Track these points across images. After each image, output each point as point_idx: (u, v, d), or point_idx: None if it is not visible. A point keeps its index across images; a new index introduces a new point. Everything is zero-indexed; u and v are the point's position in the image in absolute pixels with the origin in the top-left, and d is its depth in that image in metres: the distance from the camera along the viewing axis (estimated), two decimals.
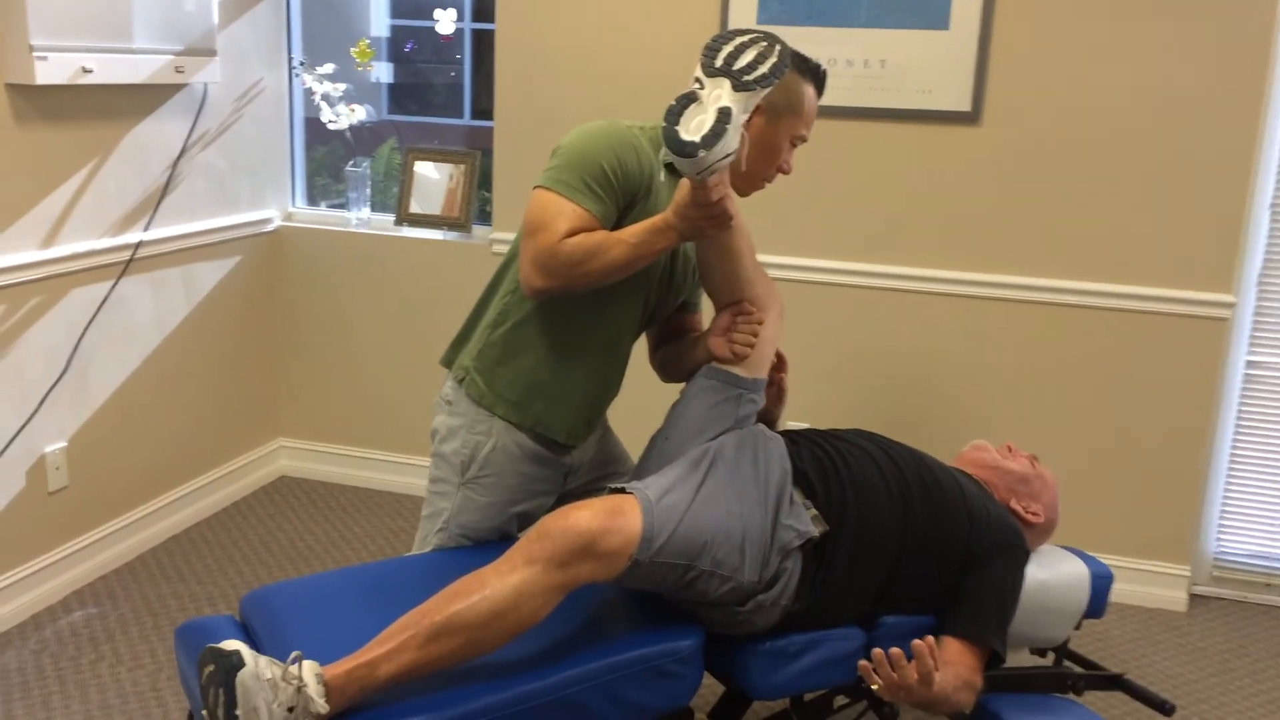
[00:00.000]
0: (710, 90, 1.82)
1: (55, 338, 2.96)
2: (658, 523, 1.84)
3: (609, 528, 1.79)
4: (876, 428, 3.41)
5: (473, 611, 1.71)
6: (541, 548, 1.76)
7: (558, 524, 1.78)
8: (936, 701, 1.88)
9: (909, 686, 1.78)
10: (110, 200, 3.10)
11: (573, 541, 1.76)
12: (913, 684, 1.78)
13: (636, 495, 1.88)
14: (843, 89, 3.28)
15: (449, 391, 2.23)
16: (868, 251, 3.36)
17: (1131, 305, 3.20)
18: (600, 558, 1.78)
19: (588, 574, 1.78)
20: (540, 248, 1.99)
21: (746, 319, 2.15)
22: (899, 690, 1.80)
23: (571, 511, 1.81)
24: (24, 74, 2.72)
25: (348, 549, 3.43)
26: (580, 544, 1.76)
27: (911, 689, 1.79)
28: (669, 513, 1.87)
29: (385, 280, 3.78)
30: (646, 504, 1.86)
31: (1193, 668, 3.01)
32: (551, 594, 1.76)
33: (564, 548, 1.75)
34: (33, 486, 2.93)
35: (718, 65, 1.83)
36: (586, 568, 1.77)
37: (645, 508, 1.85)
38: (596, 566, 1.78)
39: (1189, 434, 3.23)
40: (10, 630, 2.88)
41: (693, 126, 1.79)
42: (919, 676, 1.78)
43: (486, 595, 1.72)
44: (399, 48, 5.59)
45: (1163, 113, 3.09)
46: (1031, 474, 2.34)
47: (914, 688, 1.79)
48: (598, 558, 1.78)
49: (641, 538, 1.81)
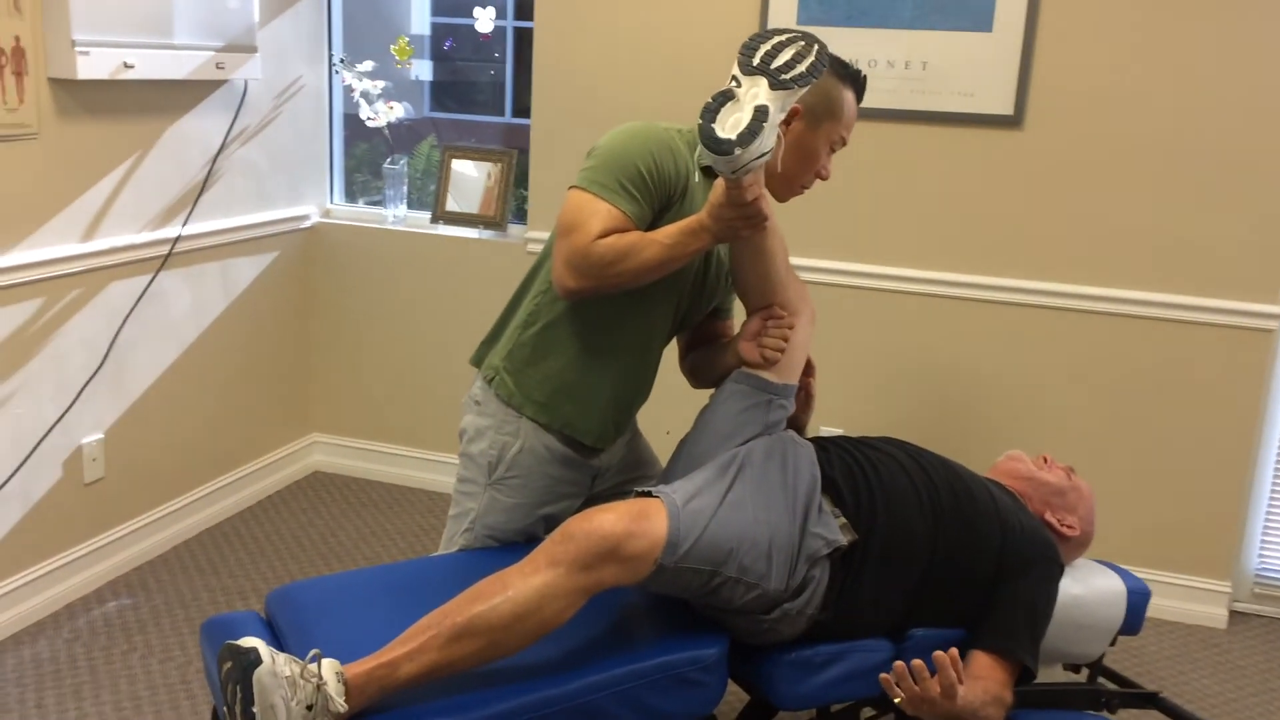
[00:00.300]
0: (747, 89, 1.81)
1: (94, 330, 2.98)
2: (683, 527, 1.82)
3: (634, 531, 1.77)
4: (911, 435, 3.37)
5: (495, 613, 1.70)
6: (565, 550, 1.75)
7: (582, 526, 1.77)
8: (963, 716, 1.84)
9: (931, 700, 1.75)
10: (150, 195, 3.13)
11: (597, 544, 1.74)
12: (935, 697, 1.75)
13: (663, 499, 1.86)
14: (883, 91, 3.25)
15: (478, 391, 2.22)
16: (906, 256, 3.32)
17: (1175, 315, 3.14)
18: (624, 561, 1.76)
19: (611, 577, 1.77)
20: (573, 248, 1.97)
21: (777, 323, 2.13)
22: (921, 703, 1.77)
23: (596, 514, 1.79)
24: (66, 69, 2.75)
25: (379, 545, 3.44)
26: (604, 547, 1.75)
27: (934, 702, 1.76)
28: (695, 517, 1.85)
29: (420, 277, 3.78)
30: (673, 508, 1.84)
31: (1232, 686, 2.95)
32: (574, 597, 1.74)
33: (588, 550, 1.74)
34: (69, 477, 2.96)
35: (755, 64, 1.82)
36: (610, 571, 1.76)
37: (671, 512, 1.83)
38: (620, 570, 1.77)
39: (1231, 447, 3.16)
40: (44, 619, 2.91)
41: (729, 124, 1.77)
42: (941, 689, 1.75)
43: (509, 597, 1.71)
44: (439, 45, 5.61)
45: (1210, 117, 3.02)
46: (1067, 486, 2.29)
47: (936, 701, 1.75)
48: (622, 561, 1.76)
49: (667, 542, 1.80)
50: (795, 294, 2.17)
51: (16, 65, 2.67)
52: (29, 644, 2.79)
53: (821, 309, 3.38)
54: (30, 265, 2.75)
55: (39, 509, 2.88)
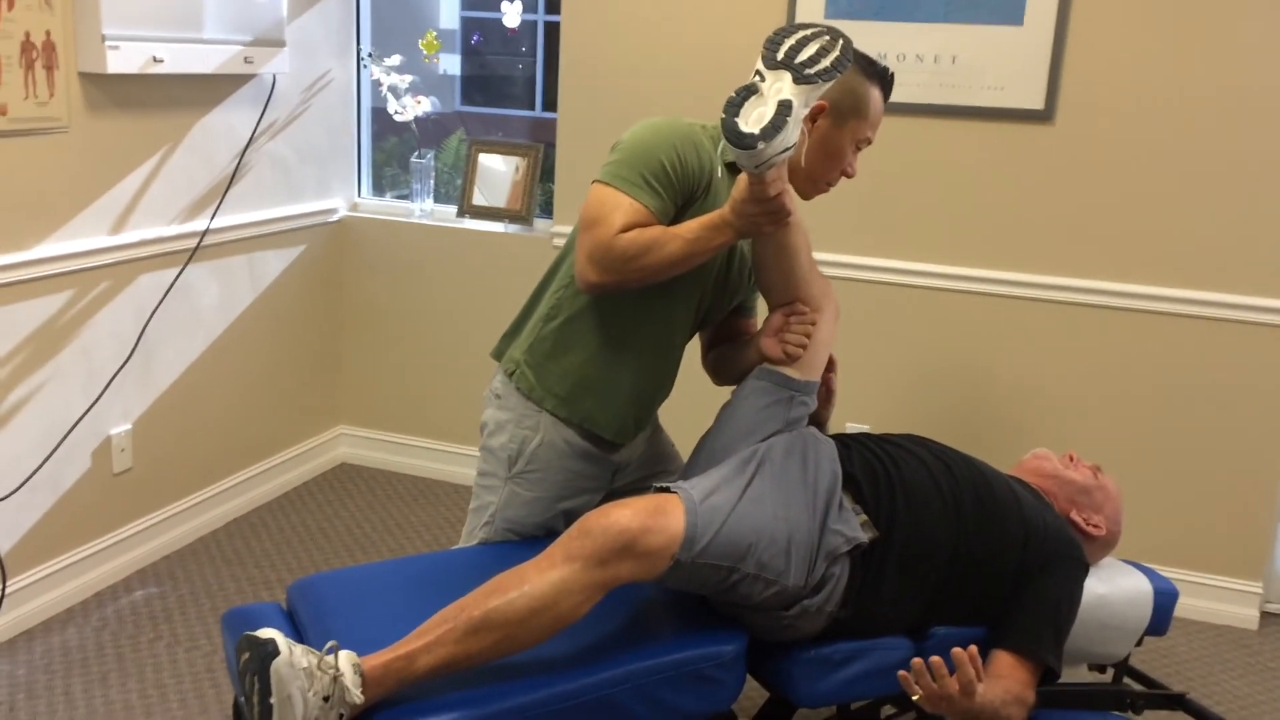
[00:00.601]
0: (771, 83, 1.80)
1: (123, 322, 3.01)
2: (701, 523, 1.82)
3: (650, 527, 1.77)
4: (938, 433, 3.34)
5: (511, 607, 1.70)
6: (581, 545, 1.74)
7: (599, 522, 1.76)
8: (984, 715, 1.82)
9: (950, 697, 1.74)
10: (179, 188, 3.15)
11: (613, 540, 1.74)
12: (953, 694, 1.73)
13: (680, 495, 1.86)
14: (912, 85, 3.22)
15: (498, 385, 2.23)
16: (934, 252, 3.30)
17: (1208, 312, 3.09)
18: (641, 557, 1.76)
19: (628, 573, 1.76)
20: (596, 242, 1.97)
21: (800, 319, 2.12)
22: (940, 701, 1.75)
23: (613, 509, 1.79)
24: (96, 63, 2.77)
25: (404, 538, 3.45)
26: (621, 542, 1.74)
27: (953, 700, 1.74)
28: (713, 513, 1.84)
29: (447, 271, 3.79)
30: (690, 504, 1.83)
31: (1262, 688, 2.91)
32: (591, 592, 1.74)
33: (604, 546, 1.74)
34: (98, 467, 3.00)
35: (779, 58, 1.81)
36: (627, 567, 1.76)
37: (689, 507, 1.83)
38: (637, 566, 1.76)
39: (1264, 446, 3.12)
40: (74, 607, 2.94)
41: (752, 119, 1.76)
42: (960, 687, 1.73)
43: (525, 591, 1.71)
44: (469, 40, 5.62)
45: (1244, 111, 2.98)
46: (1093, 485, 2.27)
47: (955, 699, 1.74)
48: (638, 557, 1.76)
49: (684, 538, 1.79)
50: (819, 290, 2.16)
51: (47, 59, 2.70)
52: (58, 631, 2.83)
53: (849, 305, 3.36)
54: (60, 258, 2.78)
55: (68, 498, 2.92)
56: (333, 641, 1.66)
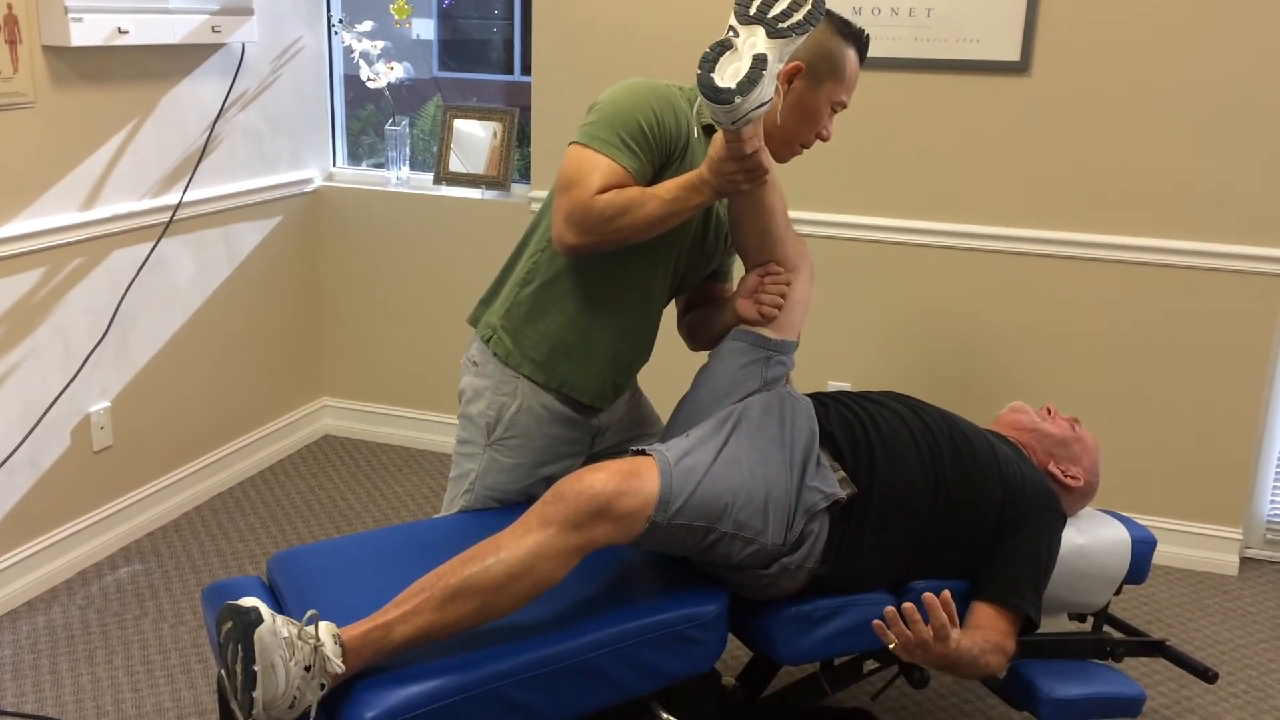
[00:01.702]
0: (745, 38, 1.79)
1: (97, 299, 2.99)
2: (676, 484, 1.82)
3: (624, 490, 1.77)
4: (919, 388, 3.36)
5: (487, 574, 1.70)
6: (556, 510, 1.75)
7: (573, 486, 1.76)
8: (962, 662, 1.84)
9: (924, 643, 1.75)
10: (150, 161, 3.12)
11: (588, 503, 1.74)
12: (928, 640, 1.74)
13: (655, 457, 1.86)
14: (887, 40, 3.20)
15: (475, 353, 2.22)
16: (913, 207, 3.29)
17: (1185, 261, 3.10)
18: (616, 519, 1.76)
19: (604, 536, 1.76)
20: (573, 203, 1.96)
21: (774, 279, 2.11)
22: (915, 648, 1.76)
23: (587, 474, 1.79)
24: (60, 36, 2.73)
25: (388, 508, 3.45)
26: (595, 505, 1.74)
27: (928, 645, 1.75)
28: (688, 474, 1.84)
29: (425, 239, 3.77)
30: (665, 465, 1.84)
31: (1242, 633, 2.94)
32: (567, 556, 1.74)
33: (579, 510, 1.74)
34: (78, 446, 2.98)
35: (751, 13, 1.80)
36: (602, 530, 1.76)
37: (663, 469, 1.83)
38: (613, 529, 1.77)
39: (1242, 394, 3.13)
40: (58, 586, 2.94)
41: (728, 74, 1.76)
42: (934, 631, 1.74)
43: (501, 558, 1.71)
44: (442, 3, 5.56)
45: (1219, 59, 2.97)
46: (1071, 437, 2.28)
47: (930, 644, 1.75)
48: (614, 519, 1.76)
49: (659, 499, 1.79)
50: (795, 250, 2.15)
51: (10, 34, 2.65)
52: (43, 610, 2.82)
53: (828, 263, 3.35)
54: (31, 235, 2.75)
55: (48, 478, 2.91)
56: (312, 611, 1.66)
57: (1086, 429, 2.33)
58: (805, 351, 3.40)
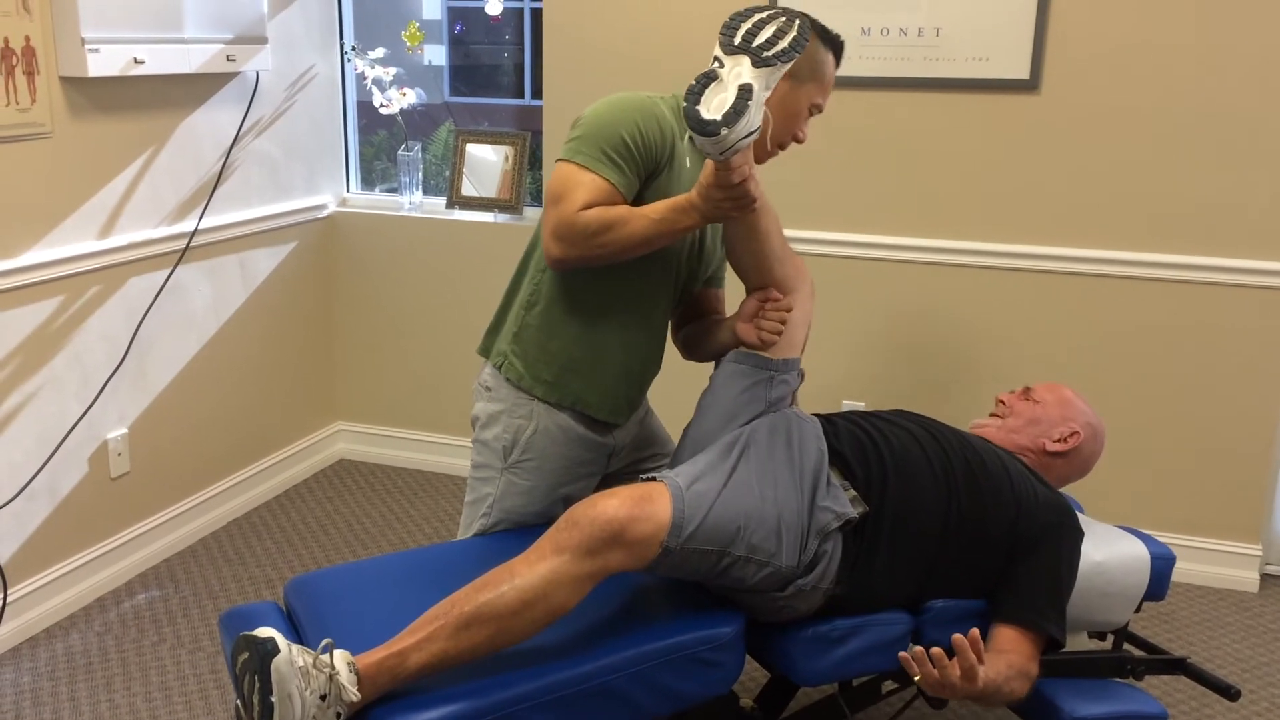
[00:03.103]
0: (730, 68, 1.80)
1: (114, 326, 3.01)
2: (688, 509, 1.82)
3: (637, 515, 1.77)
4: (933, 407, 3.35)
5: (502, 601, 1.70)
6: (569, 536, 1.75)
7: (586, 513, 1.77)
8: (987, 694, 1.83)
9: (951, 684, 1.74)
10: (166, 189, 3.14)
11: (601, 530, 1.74)
12: (954, 682, 1.74)
13: (666, 482, 1.86)
14: (898, 60, 3.21)
15: (487, 377, 2.23)
16: (926, 226, 3.29)
17: (1199, 276, 3.09)
18: (629, 546, 1.76)
19: (617, 563, 1.77)
20: (559, 218, 1.98)
21: (774, 305, 2.11)
22: (941, 688, 1.75)
23: (600, 500, 1.79)
24: (77, 67, 2.76)
25: (404, 531, 3.46)
26: (609, 532, 1.74)
27: (954, 686, 1.75)
28: (700, 499, 1.84)
29: (438, 263, 3.79)
30: (676, 490, 1.84)
31: (1264, 650, 2.92)
32: (581, 583, 1.74)
33: (592, 536, 1.74)
34: (95, 472, 3.00)
35: (737, 43, 1.81)
36: (616, 556, 1.76)
37: (675, 493, 1.83)
38: (626, 555, 1.77)
39: (1259, 409, 3.12)
40: (75, 613, 2.95)
41: (714, 105, 1.76)
42: (961, 673, 1.73)
43: (515, 585, 1.71)
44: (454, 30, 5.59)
45: (1230, 74, 2.97)
46: (1035, 411, 2.26)
47: (956, 685, 1.74)
48: (627, 546, 1.76)
49: (671, 524, 1.79)
50: (792, 270, 2.15)
51: (28, 65, 2.69)
52: (61, 637, 2.83)
53: (840, 282, 3.36)
54: (49, 264, 2.78)
55: (66, 504, 2.92)
56: (327, 640, 1.67)
57: (1039, 386, 2.32)
58: (819, 372, 3.40)
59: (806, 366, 3.41)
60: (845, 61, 2.20)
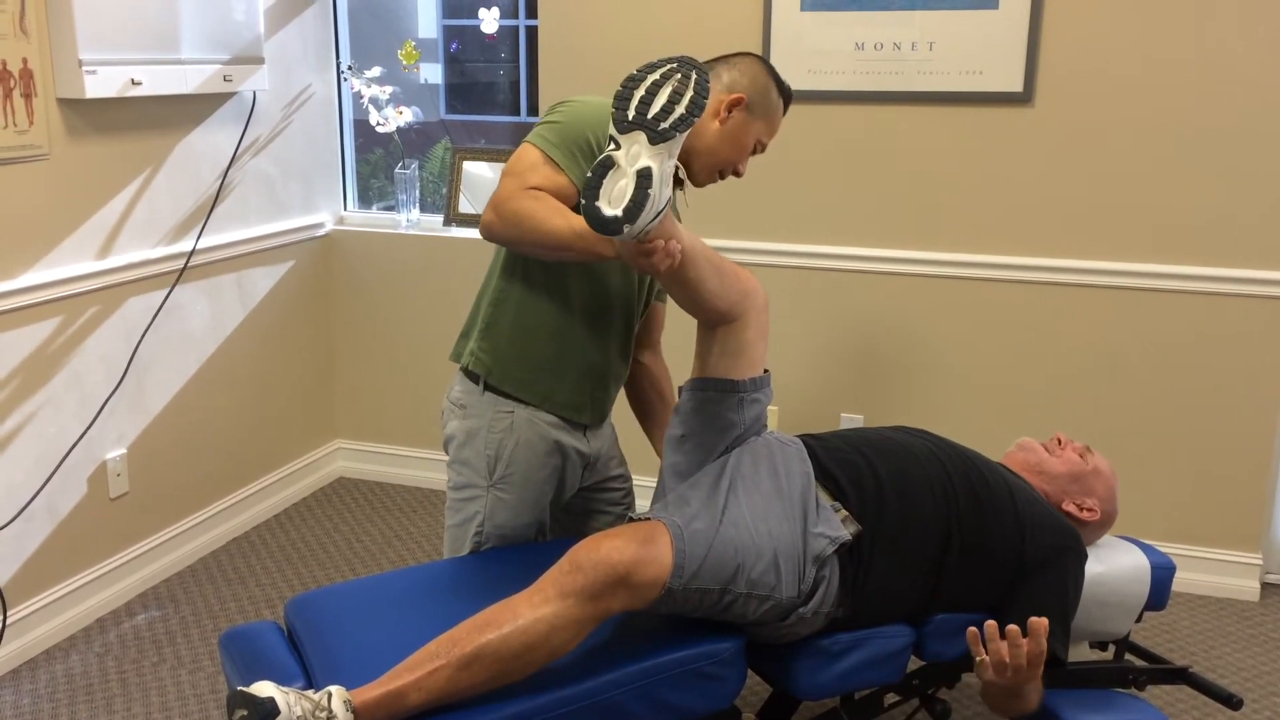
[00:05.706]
0: (626, 149, 1.73)
1: (113, 346, 3.01)
2: (689, 549, 1.82)
3: (642, 558, 1.77)
4: (931, 421, 3.35)
5: (505, 644, 1.69)
6: (574, 580, 1.74)
7: (589, 556, 1.76)
8: (1028, 691, 1.84)
9: (1018, 666, 1.74)
10: (163, 210, 3.15)
11: (605, 574, 1.74)
12: (1022, 665, 1.74)
13: (665, 523, 1.86)
14: (890, 74, 3.22)
15: (459, 394, 2.23)
16: (920, 239, 3.30)
17: (1195, 286, 3.10)
18: (634, 589, 1.76)
19: (620, 605, 1.77)
20: (505, 191, 1.98)
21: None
22: (1005, 670, 1.75)
23: (603, 543, 1.78)
24: (74, 89, 2.77)
25: (403, 549, 3.45)
26: (614, 576, 1.74)
27: (1019, 670, 1.74)
28: (698, 538, 1.85)
29: (436, 280, 3.80)
30: (676, 531, 1.84)
31: (1265, 659, 2.91)
32: (584, 625, 1.75)
33: (597, 580, 1.74)
34: (94, 493, 3.00)
35: (630, 118, 1.73)
36: (620, 599, 1.76)
37: (675, 535, 1.83)
38: (630, 596, 1.76)
39: (1258, 418, 3.12)
40: (75, 634, 2.94)
41: (614, 196, 1.69)
42: (1029, 657, 1.74)
43: (519, 627, 1.71)
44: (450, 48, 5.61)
45: (1224, 86, 2.98)
46: (1081, 470, 2.24)
47: (1022, 669, 1.74)
48: (632, 589, 1.76)
49: (674, 565, 1.80)
50: (735, 298, 2.03)
51: (25, 87, 2.69)
52: (61, 659, 2.83)
53: (836, 297, 3.37)
54: (47, 285, 2.78)
55: (66, 525, 2.92)
56: (329, 689, 1.66)
57: (1099, 455, 2.31)
58: (816, 386, 3.41)
59: (801, 383, 3.43)
60: (840, 75, 2.21)
